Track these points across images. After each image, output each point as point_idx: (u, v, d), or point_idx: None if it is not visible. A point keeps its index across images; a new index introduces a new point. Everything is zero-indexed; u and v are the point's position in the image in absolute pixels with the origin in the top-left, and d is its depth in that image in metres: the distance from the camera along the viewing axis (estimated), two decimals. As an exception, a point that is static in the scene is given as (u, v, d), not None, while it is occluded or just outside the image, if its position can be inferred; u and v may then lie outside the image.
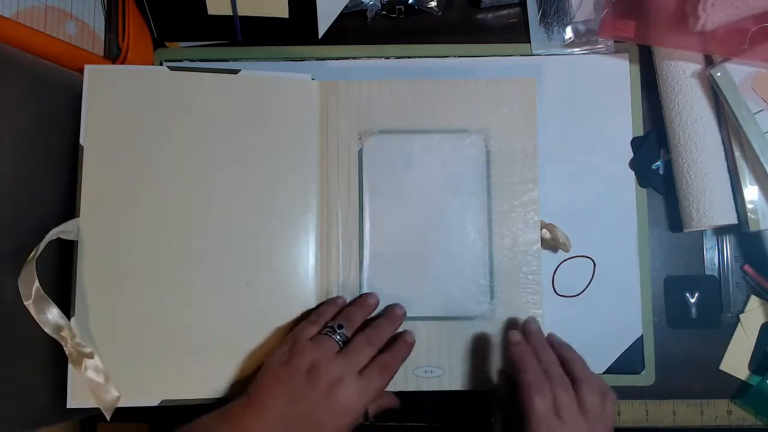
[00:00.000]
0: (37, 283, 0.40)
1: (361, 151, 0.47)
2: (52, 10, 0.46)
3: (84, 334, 0.42)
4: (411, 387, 0.45)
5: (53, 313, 0.40)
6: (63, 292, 0.43)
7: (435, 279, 0.46)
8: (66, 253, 0.44)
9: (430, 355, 0.45)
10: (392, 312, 0.43)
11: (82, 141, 0.44)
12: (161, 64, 0.52)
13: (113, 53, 0.50)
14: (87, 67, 0.45)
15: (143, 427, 0.52)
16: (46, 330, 0.40)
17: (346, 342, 0.39)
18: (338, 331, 0.39)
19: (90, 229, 0.43)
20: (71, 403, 0.42)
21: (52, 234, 0.41)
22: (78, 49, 0.48)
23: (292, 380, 0.37)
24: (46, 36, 0.45)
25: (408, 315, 0.44)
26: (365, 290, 0.46)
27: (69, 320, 0.41)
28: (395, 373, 0.40)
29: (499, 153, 0.46)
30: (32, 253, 0.40)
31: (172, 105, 0.45)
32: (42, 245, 0.40)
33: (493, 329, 0.45)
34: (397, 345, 0.41)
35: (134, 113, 0.45)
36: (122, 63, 0.49)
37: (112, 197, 0.44)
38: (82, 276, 0.43)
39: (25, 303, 0.40)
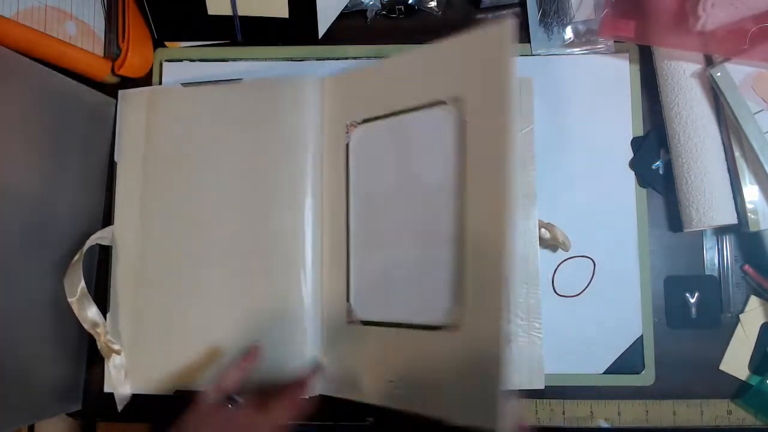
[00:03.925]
0: (82, 283, 0.44)
1: (347, 145, 0.46)
2: (52, 10, 0.46)
3: (113, 330, 0.47)
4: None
5: (92, 311, 0.45)
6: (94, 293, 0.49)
7: (401, 281, 0.41)
8: (93, 258, 0.50)
9: (388, 366, 0.41)
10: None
11: (116, 158, 0.49)
12: (161, 65, 0.52)
13: (113, 53, 0.50)
14: (120, 92, 0.50)
15: (142, 427, 0.52)
16: (85, 325, 0.45)
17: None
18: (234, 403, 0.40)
19: (122, 235, 0.48)
20: (107, 389, 0.47)
21: (92, 240, 0.46)
22: (78, 49, 0.48)
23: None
24: (46, 36, 0.45)
25: (367, 319, 0.43)
26: (351, 290, 0.44)
27: (105, 317, 0.46)
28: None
29: (478, 124, 0.38)
30: (77, 256, 0.44)
31: (188, 118, 0.49)
32: (84, 249, 0.44)
33: (457, 342, 0.37)
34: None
35: (157, 130, 0.49)
36: (122, 63, 0.49)
37: (141, 207, 0.48)
38: (116, 277, 0.48)
39: (69, 300, 0.44)
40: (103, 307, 0.47)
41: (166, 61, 0.52)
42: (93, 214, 0.50)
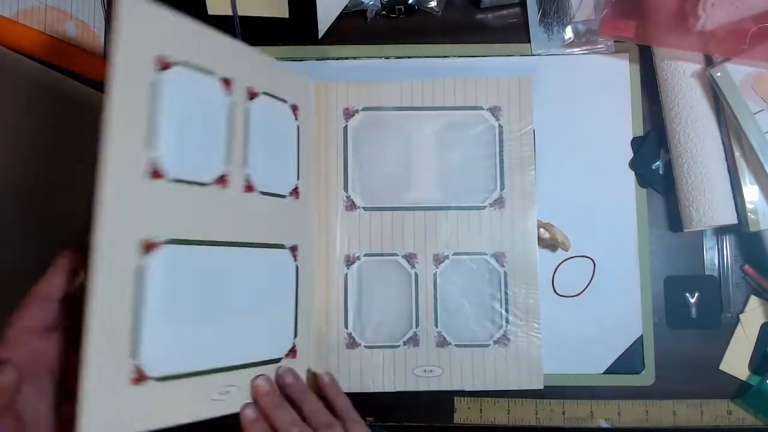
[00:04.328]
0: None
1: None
2: (52, 10, 0.46)
3: None
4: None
5: None
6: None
7: None
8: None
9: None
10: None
11: None
12: (161, 64, 0.52)
13: (113, 53, 0.50)
14: None
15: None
16: None
17: None
18: None
19: None
20: None
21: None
22: (78, 49, 0.48)
23: None
24: (46, 36, 0.45)
25: None
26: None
27: None
28: None
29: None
30: None
31: None
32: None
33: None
34: None
35: None
36: (122, 63, 0.49)
37: None
38: None
39: None
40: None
41: (166, 61, 0.52)
42: (93, 214, 0.50)
